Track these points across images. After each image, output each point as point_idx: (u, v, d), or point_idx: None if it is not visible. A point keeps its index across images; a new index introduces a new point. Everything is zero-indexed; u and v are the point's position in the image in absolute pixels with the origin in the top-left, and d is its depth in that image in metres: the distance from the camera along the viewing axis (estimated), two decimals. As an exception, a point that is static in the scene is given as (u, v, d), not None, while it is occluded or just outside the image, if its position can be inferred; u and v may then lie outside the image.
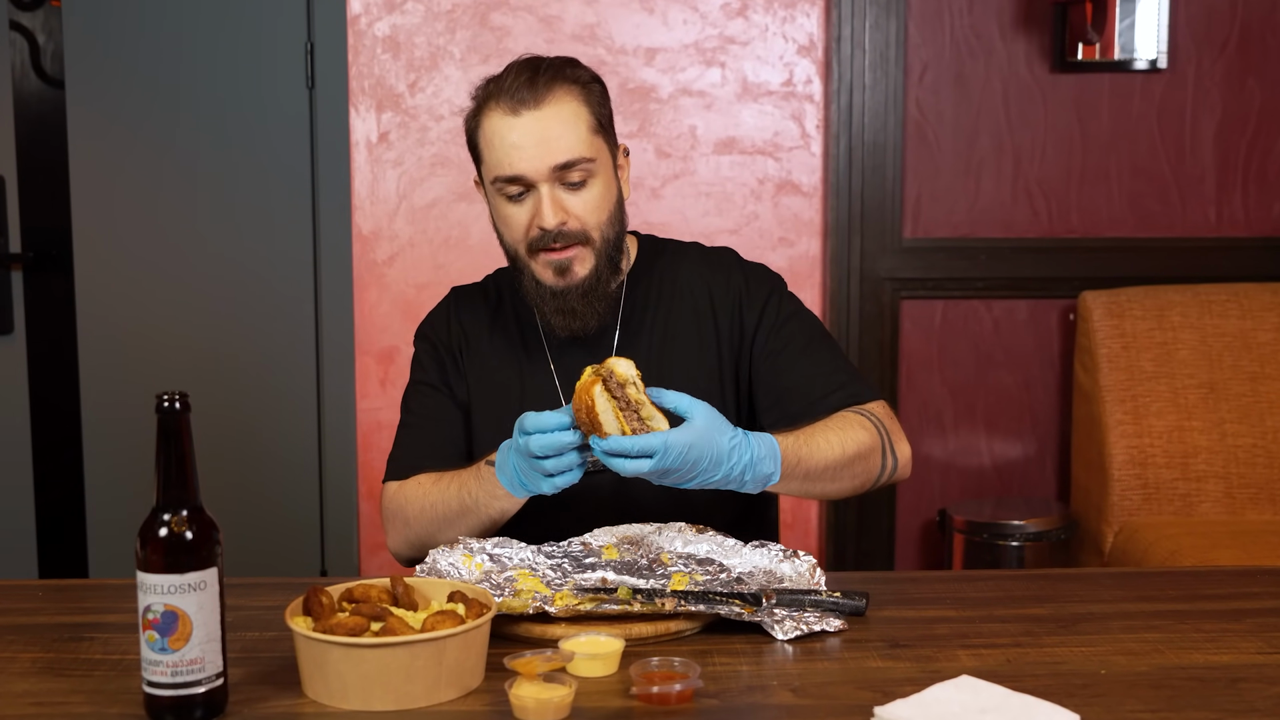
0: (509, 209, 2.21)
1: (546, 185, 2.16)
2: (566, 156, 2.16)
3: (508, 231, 2.23)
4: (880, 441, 2.19)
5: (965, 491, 4.15)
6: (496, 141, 2.18)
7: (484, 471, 2.11)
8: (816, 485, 2.13)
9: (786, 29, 3.98)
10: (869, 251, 4.01)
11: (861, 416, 2.20)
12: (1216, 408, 3.78)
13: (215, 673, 1.63)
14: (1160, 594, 2.09)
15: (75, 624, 1.99)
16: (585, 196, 2.19)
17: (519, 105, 2.16)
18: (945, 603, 2.04)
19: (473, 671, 1.70)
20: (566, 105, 2.17)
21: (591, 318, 2.24)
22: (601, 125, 2.22)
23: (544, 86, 2.16)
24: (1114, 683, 1.72)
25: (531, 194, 2.18)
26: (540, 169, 2.15)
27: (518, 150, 2.16)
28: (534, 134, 2.15)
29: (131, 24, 4.01)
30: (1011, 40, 3.99)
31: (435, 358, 2.36)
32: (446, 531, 2.17)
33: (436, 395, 2.34)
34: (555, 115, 2.16)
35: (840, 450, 2.13)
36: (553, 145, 2.15)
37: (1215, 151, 4.05)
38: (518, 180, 2.17)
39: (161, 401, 1.61)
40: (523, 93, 2.16)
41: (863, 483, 2.19)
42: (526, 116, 2.16)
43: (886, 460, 2.21)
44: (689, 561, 2.09)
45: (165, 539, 1.60)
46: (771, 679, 1.75)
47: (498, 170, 2.18)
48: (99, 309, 4.10)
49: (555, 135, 2.16)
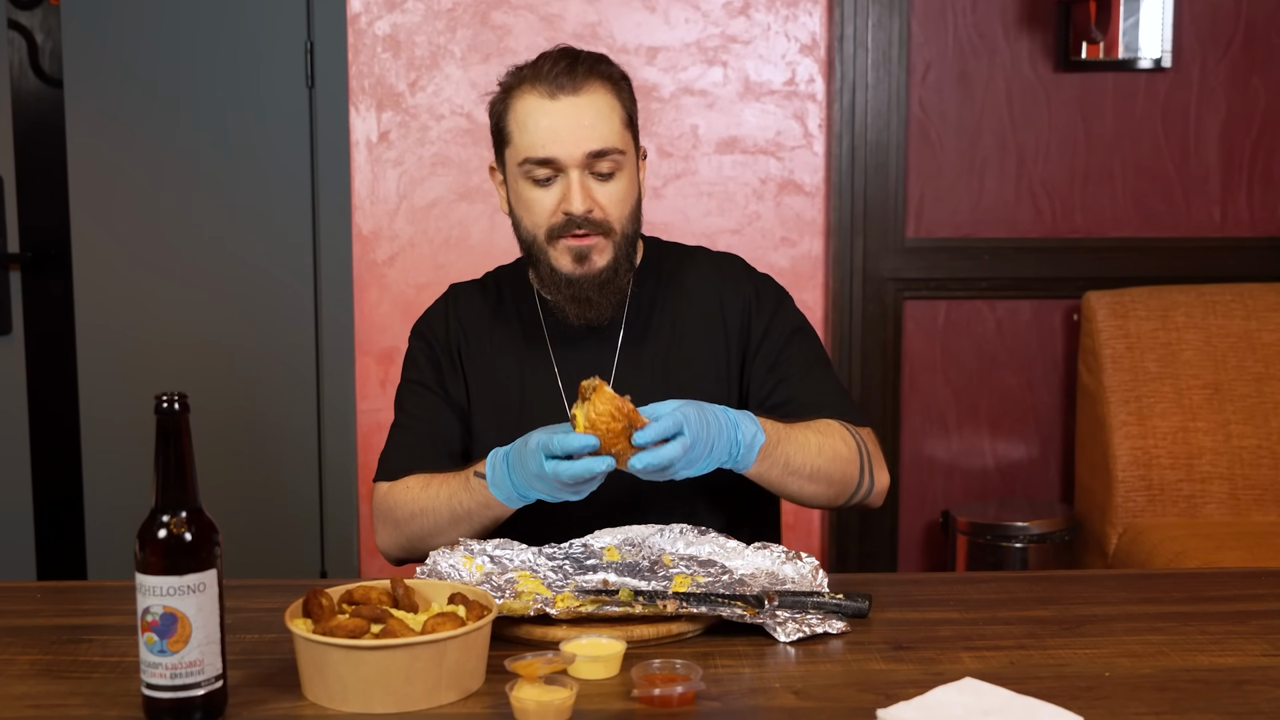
0: (534, 193, 2.20)
1: (577, 171, 2.17)
2: (600, 144, 2.17)
3: (529, 215, 2.23)
4: (859, 455, 2.21)
5: (968, 493, 4.15)
6: (530, 124, 2.18)
7: (474, 484, 2.11)
8: (793, 481, 2.14)
9: (789, 28, 3.98)
10: (872, 251, 4.01)
11: (843, 428, 2.22)
12: (1221, 409, 3.78)
13: (214, 675, 1.63)
14: (1165, 596, 2.09)
15: (74, 626, 1.99)
16: (612, 188, 2.20)
17: (557, 90, 2.17)
18: (948, 604, 2.04)
19: (473, 674, 1.70)
20: (602, 96, 2.19)
21: (606, 308, 2.24)
22: (631, 121, 2.24)
23: (583, 75, 2.18)
24: (1118, 685, 1.72)
25: (559, 179, 2.19)
26: (574, 154, 2.16)
27: (552, 133, 2.16)
28: (570, 118, 2.16)
29: (130, 23, 4.01)
30: (1015, 39, 3.99)
31: (430, 357, 2.35)
32: (437, 538, 2.17)
33: (431, 396, 2.33)
34: (591, 104, 2.18)
35: (817, 446, 2.15)
36: (588, 132, 2.16)
37: (1220, 151, 4.05)
38: (549, 163, 2.17)
39: (160, 402, 1.61)
40: (562, 78, 2.17)
41: (839, 492, 2.20)
42: (564, 101, 2.17)
43: (864, 478, 2.22)
44: (691, 563, 2.09)
45: (164, 540, 1.60)
46: (774, 681, 1.75)
47: (529, 152, 2.18)
48: (98, 309, 4.10)
49: (590, 123, 2.17)
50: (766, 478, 2.13)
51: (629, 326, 2.32)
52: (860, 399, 4.01)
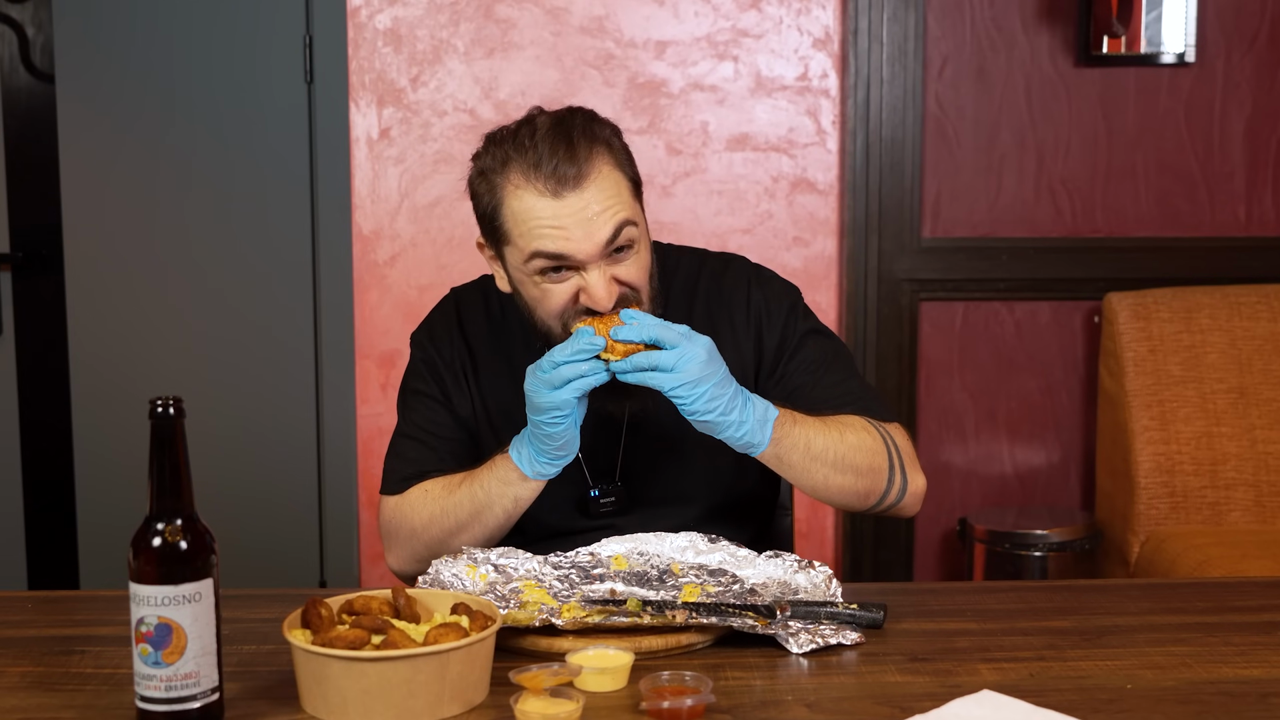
0: (546, 287, 2.07)
1: (595, 267, 2.04)
2: (612, 230, 2.03)
3: (542, 308, 2.09)
4: (887, 448, 2.17)
5: (986, 500, 4.15)
6: (533, 222, 2.03)
7: (498, 461, 2.11)
8: (817, 468, 2.09)
9: (801, 21, 3.99)
10: (887, 251, 4.01)
11: (865, 421, 2.18)
12: (1246, 413, 3.78)
13: (211, 687, 1.63)
14: (1188, 606, 2.09)
15: (66, 637, 1.99)
16: (632, 262, 2.08)
17: (559, 186, 2.02)
18: (966, 615, 2.04)
19: (477, 686, 1.70)
20: (607, 174, 2.05)
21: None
22: (635, 184, 2.11)
23: (584, 159, 2.02)
24: (1140, 698, 1.72)
25: (574, 273, 2.05)
26: (590, 251, 2.03)
27: (562, 232, 2.02)
28: (579, 214, 2.02)
29: (124, 16, 4.02)
30: (1034, 33, 3.99)
31: (435, 373, 2.29)
32: (458, 537, 2.15)
33: (436, 406, 2.28)
34: (598, 191, 2.03)
35: (839, 432, 2.11)
36: (600, 223, 2.02)
37: (1245, 148, 4.05)
38: (562, 261, 2.04)
39: (155, 407, 1.61)
40: (563, 168, 2.02)
41: (870, 486, 2.15)
42: (570, 198, 2.02)
43: (895, 478, 2.18)
44: (701, 572, 2.08)
45: (159, 549, 1.60)
46: (786, 694, 1.75)
47: (536, 247, 2.04)
48: (90, 311, 4.10)
49: (602, 209, 2.03)
50: (788, 460, 2.07)
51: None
52: (875, 403, 4.01)
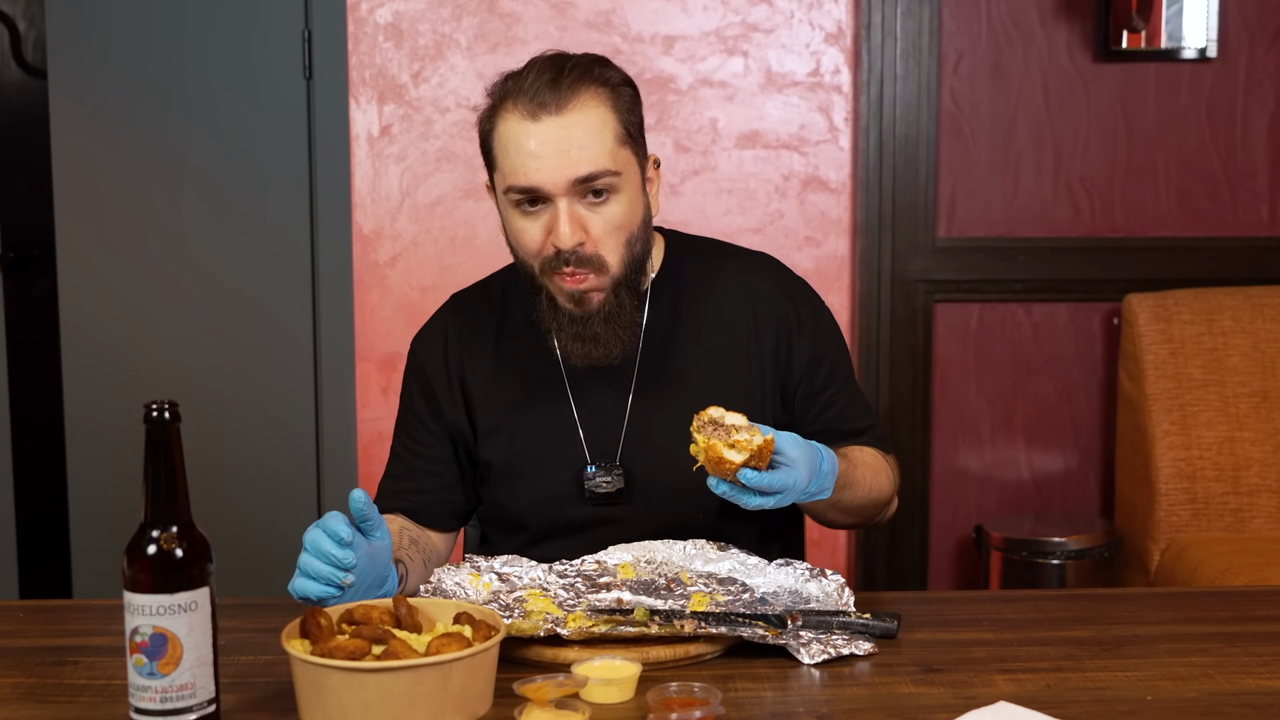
0: (523, 222, 2.13)
1: (565, 200, 2.08)
2: (589, 169, 2.08)
3: (519, 247, 2.16)
4: (894, 489, 2.31)
5: (1002, 506, 4.15)
6: (512, 148, 2.09)
7: None
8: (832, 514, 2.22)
9: (813, 16, 3.99)
10: (901, 251, 4.01)
11: (886, 464, 2.29)
12: (1270, 417, 3.78)
13: (207, 699, 1.63)
14: (1210, 615, 2.09)
15: (58, 647, 1.99)
16: (607, 213, 2.11)
17: (539, 109, 2.07)
18: (981, 624, 2.04)
19: (480, 698, 1.70)
20: (592, 111, 2.09)
21: (615, 344, 2.18)
22: (630, 134, 2.14)
23: (568, 89, 2.08)
24: (1161, 709, 1.72)
25: (548, 207, 2.10)
26: (559, 181, 2.07)
27: (535, 160, 2.07)
28: (554, 142, 2.07)
29: (118, 11, 4.02)
30: (1052, 27, 3.99)
31: (422, 387, 2.32)
32: None
33: (419, 425, 2.32)
34: (579, 122, 2.08)
35: (868, 488, 2.20)
36: (574, 156, 2.07)
37: (1268, 146, 4.04)
38: (533, 192, 2.09)
39: (150, 411, 1.61)
40: (544, 95, 2.08)
41: (863, 523, 2.31)
42: (547, 122, 2.07)
43: (886, 512, 2.33)
44: (710, 581, 2.09)
45: (154, 557, 1.61)
46: (797, 706, 1.75)
47: (512, 179, 2.10)
48: (83, 312, 4.11)
49: (577, 144, 2.07)
50: (811, 509, 2.19)
51: (647, 347, 2.26)
52: (889, 407, 4.02)
